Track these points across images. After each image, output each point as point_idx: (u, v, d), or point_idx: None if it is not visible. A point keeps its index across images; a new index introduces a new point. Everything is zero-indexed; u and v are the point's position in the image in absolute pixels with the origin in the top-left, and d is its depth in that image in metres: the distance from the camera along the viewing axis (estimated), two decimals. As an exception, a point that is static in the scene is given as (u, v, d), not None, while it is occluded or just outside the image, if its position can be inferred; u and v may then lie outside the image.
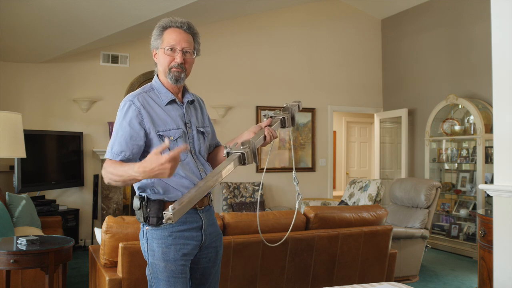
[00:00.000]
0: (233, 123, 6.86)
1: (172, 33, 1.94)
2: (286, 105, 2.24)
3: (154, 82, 2.01)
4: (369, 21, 7.90)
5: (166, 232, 1.89)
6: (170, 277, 1.88)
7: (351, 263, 3.49)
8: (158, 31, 1.96)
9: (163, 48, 1.93)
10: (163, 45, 1.93)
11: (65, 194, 6.09)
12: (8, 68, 5.88)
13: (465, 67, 6.36)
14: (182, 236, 1.91)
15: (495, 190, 2.90)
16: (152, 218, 1.88)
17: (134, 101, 1.90)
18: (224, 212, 6.38)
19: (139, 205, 1.90)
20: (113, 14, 4.95)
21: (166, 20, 1.97)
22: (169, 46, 1.92)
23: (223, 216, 3.20)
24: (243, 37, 7.03)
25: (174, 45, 1.92)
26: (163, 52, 1.94)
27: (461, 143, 6.45)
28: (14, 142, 3.87)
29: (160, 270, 1.89)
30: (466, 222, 6.07)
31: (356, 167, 10.40)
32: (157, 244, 1.89)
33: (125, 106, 1.90)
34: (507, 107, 2.85)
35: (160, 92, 1.97)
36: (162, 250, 1.88)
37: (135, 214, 1.98)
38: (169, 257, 1.88)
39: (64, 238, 3.18)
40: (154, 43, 1.97)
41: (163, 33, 1.95)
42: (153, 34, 1.97)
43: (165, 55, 1.94)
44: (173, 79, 1.95)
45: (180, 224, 1.91)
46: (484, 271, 3.26)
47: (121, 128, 1.88)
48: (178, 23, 1.95)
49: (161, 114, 1.93)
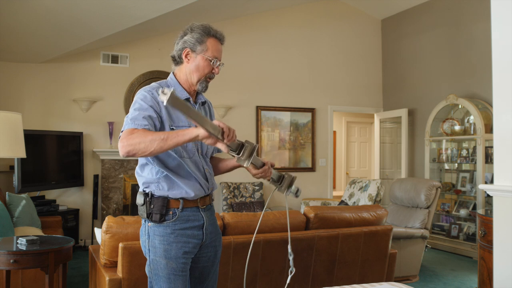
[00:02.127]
0: (233, 123, 6.86)
1: (216, 44, 1.97)
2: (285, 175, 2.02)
3: (170, 79, 2.01)
4: (369, 21, 7.90)
5: (168, 229, 1.90)
6: (170, 274, 1.89)
7: (351, 263, 3.49)
8: (201, 35, 1.95)
9: (206, 56, 1.94)
10: (208, 53, 1.94)
11: (65, 194, 6.09)
12: (8, 68, 5.88)
13: (465, 67, 6.36)
14: (184, 234, 1.92)
15: (495, 190, 2.90)
16: (155, 215, 1.89)
17: (152, 92, 1.89)
18: (224, 212, 6.38)
19: (143, 201, 1.91)
20: (113, 14, 4.95)
21: (209, 27, 1.97)
22: (214, 57, 1.95)
23: (223, 216, 3.20)
24: (243, 37, 7.03)
25: (218, 57, 1.96)
26: (206, 60, 1.94)
27: (461, 143, 6.45)
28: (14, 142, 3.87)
29: (161, 267, 1.90)
30: (466, 222, 6.07)
31: (356, 167, 10.40)
32: (159, 241, 1.90)
33: (143, 95, 1.87)
34: (507, 107, 2.85)
35: (176, 90, 1.96)
36: (164, 247, 1.89)
37: (137, 211, 1.98)
38: (171, 254, 1.89)
39: (64, 238, 3.18)
40: (195, 45, 1.94)
41: (207, 40, 1.95)
42: (193, 36, 1.94)
43: (208, 64, 1.95)
44: (204, 88, 1.99)
45: (183, 222, 1.92)
46: (484, 271, 3.26)
47: (141, 108, 1.83)
48: (221, 36, 2.00)
49: (176, 111, 1.93)
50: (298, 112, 7.36)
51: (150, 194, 1.91)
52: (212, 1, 5.71)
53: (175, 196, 1.90)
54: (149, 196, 1.91)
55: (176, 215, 1.91)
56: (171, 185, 1.90)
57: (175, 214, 1.91)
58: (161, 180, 1.90)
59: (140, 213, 1.94)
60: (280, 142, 7.25)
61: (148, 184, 1.92)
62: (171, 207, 1.90)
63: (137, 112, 1.82)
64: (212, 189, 2.04)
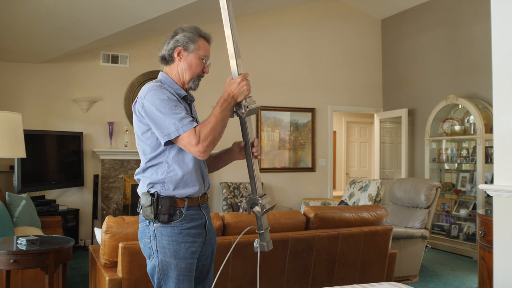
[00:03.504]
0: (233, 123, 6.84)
1: (206, 45, 2.03)
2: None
3: (164, 78, 2.02)
4: (369, 21, 7.90)
5: (176, 229, 1.90)
6: (180, 275, 1.90)
7: (351, 263, 3.49)
8: (194, 35, 1.99)
9: (198, 55, 1.99)
10: (200, 52, 1.99)
11: (65, 194, 6.09)
12: (8, 68, 5.88)
13: (465, 67, 6.36)
14: (190, 234, 1.93)
15: (495, 190, 2.90)
16: (163, 215, 1.89)
17: (164, 86, 1.92)
18: (224, 212, 6.38)
19: (150, 202, 1.89)
20: (113, 14, 4.95)
21: (198, 27, 2.03)
22: (205, 56, 2.01)
23: (223, 216, 3.20)
24: (243, 37, 7.02)
25: (208, 57, 2.03)
26: (198, 58, 1.99)
27: (461, 143, 6.45)
28: (14, 142, 3.87)
29: (171, 268, 1.90)
30: (466, 222, 6.07)
31: (356, 167, 10.40)
32: (168, 241, 1.89)
33: (159, 91, 1.88)
34: (507, 107, 2.85)
35: (173, 87, 1.98)
36: (173, 248, 1.89)
37: (141, 211, 1.94)
38: (180, 254, 1.90)
39: (64, 238, 3.18)
40: (188, 44, 1.98)
41: (198, 39, 2.00)
42: (186, 35, 1.98)
43: (201, 62, 2.00)
44: (196, 86, 2.04)
45: (188, 221, 1.93)
46: (484, 271, 3.26)
47: (167, 105, 1.84)
48: (210, 37, 2.06)
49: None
50: (298, 112, 7.36)
51: (156, 194, 1.90)
52: (212, 1, 5.70)
53: (181, 196, 1.91)
54: (155, 196, 1.89)
55: (182, 214, 1.91)
56: (177, 185, 1.91)
57: (181, 213, 1.92)
58: (167, 180, 1.90)
59: (146, 214, 1.90)
60: (280, 142, 7.26)
61: (153, 184, 1.91)
62: (177, 206, 1.91)
63: (169, 115, 1.83)
64: (208, 186, 2.07)
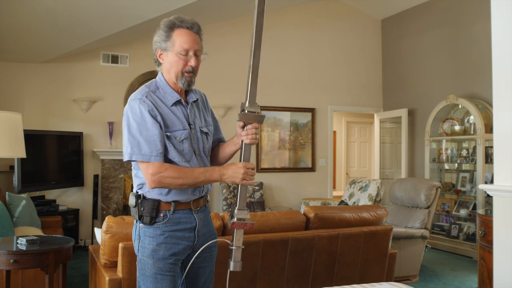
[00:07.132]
0: (233, 123, 6.82)
1: (183, 35, 1.85)
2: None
3: (159, 80, 1.94)
4: (369, 21, 7.90)
5: (158, 230, 1.89)
6: (157, 274, 1.89)
7: (351, 263, 3.49)
8: (166, 31, 1.86)
9: (174, 51, 1.85)
10: (175, 48, 1.84)
11: (65, 194, 6.09)
12: (8, 68, 5.88)
13: (465, 67, 6.36)
14: (174, 236, 1.91)
15: (495, 190, 2.90)
16: (145, 217, 1.89)
17: (144, 100, 1.84)
18: (224, 212, 6.38)
19: (135, 203, 1.90)
20: (113, 14, 4.95)
21: (173, 19, 1.86)
22: (183, 50, 1.84)
23: (223, 216, 3.20)
24: (243, 37, 7.02)
25: (188, 49, 1.84)
26: (175, 55, 1.85)
27: (461, 143, 6.45)
28: (14, 142, 3.87)
29: (148, 267, 1.90)
30: (466, 222, 6.07)
31: (356, 167, 10.40)
32: (149, 241, 1.90)
33: (137, 106, 1.83)
34: (507, 107, 2.85)
35: (166, 91, 1.91)
36: (152, 248, 1.89)
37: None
38: (158, 255, 1.89)
39: (64, 238, 3.19)
40: (162, 44, 1.87)
41: (172, 34, 1.85)
42: (159, 34, 1.87)
43: (178, 58, 1.86)
44: (185, 84, 1.89)
45: (174, 224, 1.91)
46: (484, 271, 3.26)
47: (144, 128, 1.81)
48: (189, 24, 1.86)
49: (168, 114, 1.88)
50: (298, 112, 7.36)
51: (142, 196, 1.90)
52: (212, 1, 5.71)
53: (167, 200, 1.89)
54: (140, 198, 1.90)
55: (167, 217, 1.89)
56: (161, 190, 1.88)
57: (166, 216, 1.89)
58: None
59: (132, 214, 1.94)
60: (280, 142, 7.25)
61: (142, 185, 1.92)
62: (161, 209, 1.89)
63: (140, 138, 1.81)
64: (206, 191, 2.02)
